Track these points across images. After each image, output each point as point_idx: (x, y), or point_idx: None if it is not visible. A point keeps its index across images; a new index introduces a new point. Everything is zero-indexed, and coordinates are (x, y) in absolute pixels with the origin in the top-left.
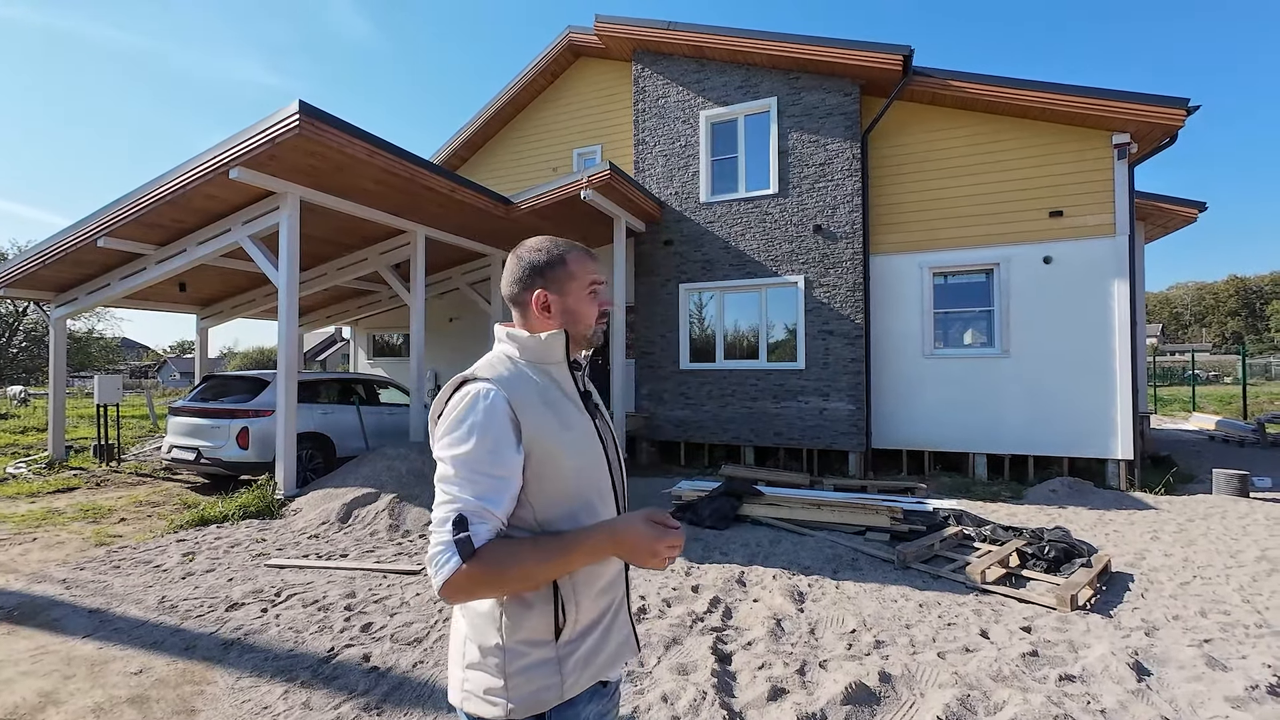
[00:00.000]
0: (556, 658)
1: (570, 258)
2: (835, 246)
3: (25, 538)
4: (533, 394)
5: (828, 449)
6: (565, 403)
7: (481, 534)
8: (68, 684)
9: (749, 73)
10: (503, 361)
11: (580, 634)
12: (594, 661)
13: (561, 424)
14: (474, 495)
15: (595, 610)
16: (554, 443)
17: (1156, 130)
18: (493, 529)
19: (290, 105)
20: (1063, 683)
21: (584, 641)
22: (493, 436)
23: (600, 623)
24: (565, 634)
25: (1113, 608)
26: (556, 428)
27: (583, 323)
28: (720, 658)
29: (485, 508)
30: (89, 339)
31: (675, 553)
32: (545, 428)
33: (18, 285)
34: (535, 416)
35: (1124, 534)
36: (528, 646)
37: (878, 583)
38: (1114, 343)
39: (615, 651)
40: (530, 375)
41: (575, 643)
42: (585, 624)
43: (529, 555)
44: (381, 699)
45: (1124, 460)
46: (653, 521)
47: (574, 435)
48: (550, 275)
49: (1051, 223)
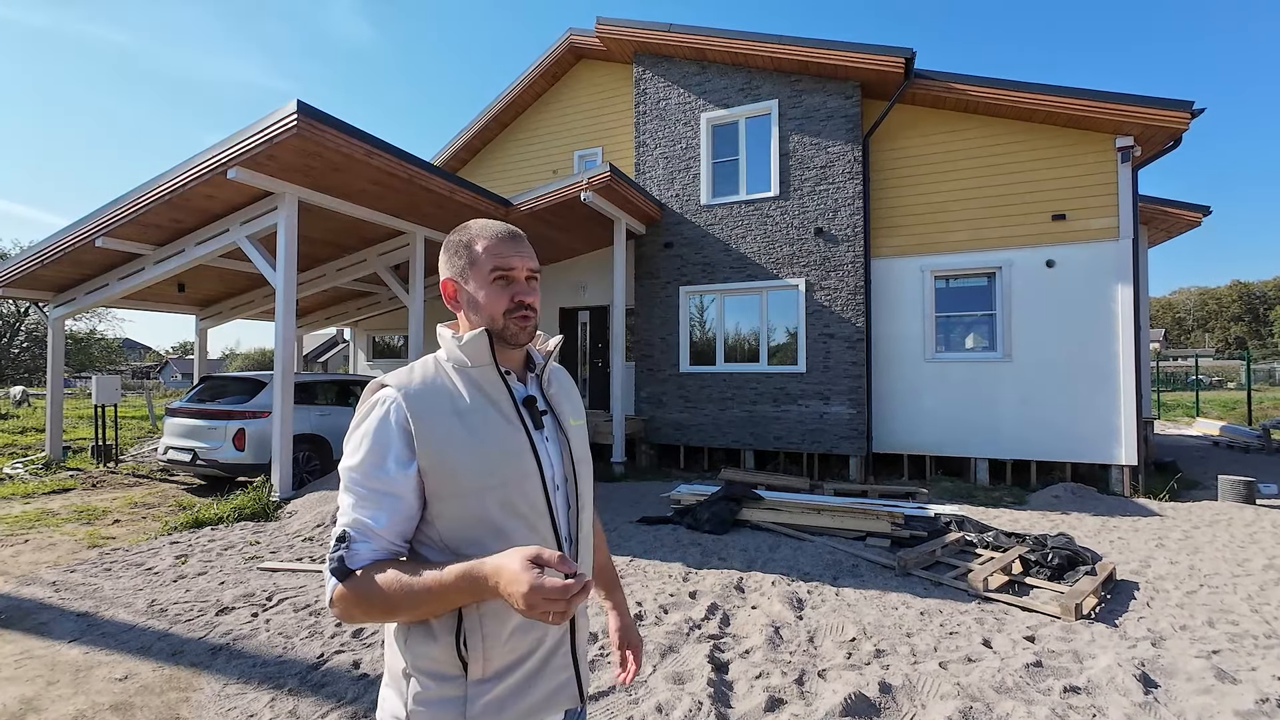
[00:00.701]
0: (462, 697)
1: (479, 240)
2: (836, 249)
3: (17, 539)
4: (441, 403)
5: (828, 453)
6: (486, 412)
7: (362, 554)
8: (50, 690)
9: (750, 75)
10: (425, 365)
11: (494, 675)
12: (511, 708)
13: (471, 437)
14: (357, 511)
15: (513, 651)
16: (455, 458)
17: (1160, 133)
18: (377, 548)
19: (288, 105)
20: (1067, 695)
21: (498, 684)
22: (379, 449)
23: (522, 665)
24: (473, 672)
25: (1118, 617)
26: (462, 441)
27: (486, 315)
28: (717, 666)
29: (368, 525)
30: (90, 339)
31: (557, 606)
32: (447, 441)
33: (16, 285)
34: (436, 428)
35: (1128, 541)
36: (431, 680)
37: (878, 589)
38: (1118, 347)
39: (544, 700)
40: (446, 381)
41: (487, 684)
42: (501, 665)
43: (400, 586)
44: (370, 708)
45: (1128, 466)
46: (531, 563)
47: (485, 450)
48: (457, 261)
49: (1054, 226)
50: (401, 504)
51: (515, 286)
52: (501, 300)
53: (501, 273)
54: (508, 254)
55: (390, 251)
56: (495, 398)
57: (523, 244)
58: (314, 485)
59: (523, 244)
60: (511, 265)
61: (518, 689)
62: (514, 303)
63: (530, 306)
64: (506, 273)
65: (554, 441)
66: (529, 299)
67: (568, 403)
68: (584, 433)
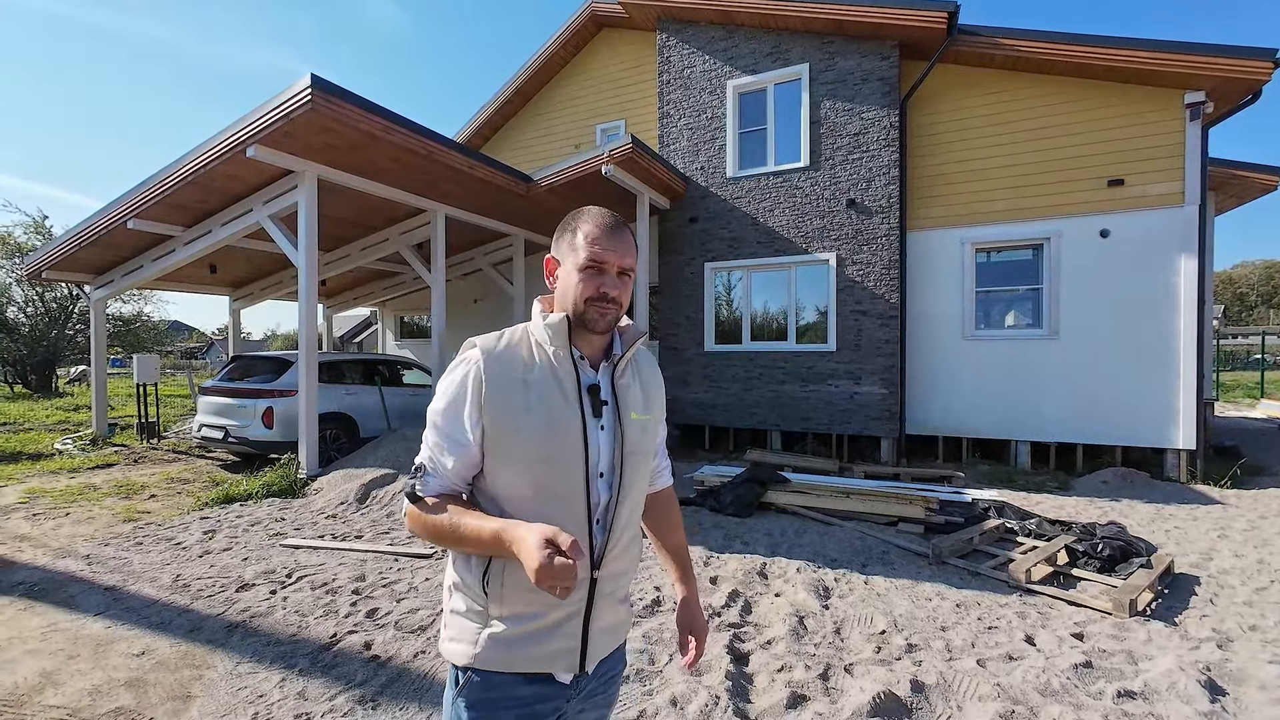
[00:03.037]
0: (481, 625)
1: (583, 227)
2: (870, 222)
3: (59, 513)
4: (515, 371)
5: (858, 435)
6: (549, 389)
7: (431, 485)
8: (70, 664)
9: (779, 38)
10: (514, 333)
11: (509, 618)
12: (516, 652)
13: (530, 409)
14: (432, 450)
15: (527, 605)
16: (511, 424)
17: (1237, 86)
18: (442, 483)
19: (302, 79)
20: (1122, 700)
21: (510, 626)
22: (457, 402)
23: (533, 620)
24: (491, 609)
25: (1177, 614)
26: (521, 410)
27: (571, 298)
28: (736, 658)
29: (441, 463)
30: (137, 321)
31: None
32: (509, 407)
33: (59, 268)
34: (504, 393)
35: (1186, 531)
36: (463, 599)
37: (910, 579)
38: (1178, 323)
39: (545, 657)
40: (524, 352)
41: (501, 622)
42: (512, 613)
43: (449, 525)
44: (378, 691)
45: (1184, 450)
46: (547, 543)
47: (538, 424)
48: (561, 243)
49: (1110, 192)
50: (467, 452)
51: (603, 279)
52: (588, 288)
53: (594, 264)
54: (604, 247)
55: (411, 230)
56: (562, 378)
57: (623, 239)
58: (340, 463)
59: (623, 239)
60: (605, 260)
61: (525, 638)
62: (598, 293)
63: (613, 300)
64: (599, 265)
65: (609, 431)
66: (613, 292)
67: (641, 395)
68: (647, 427)
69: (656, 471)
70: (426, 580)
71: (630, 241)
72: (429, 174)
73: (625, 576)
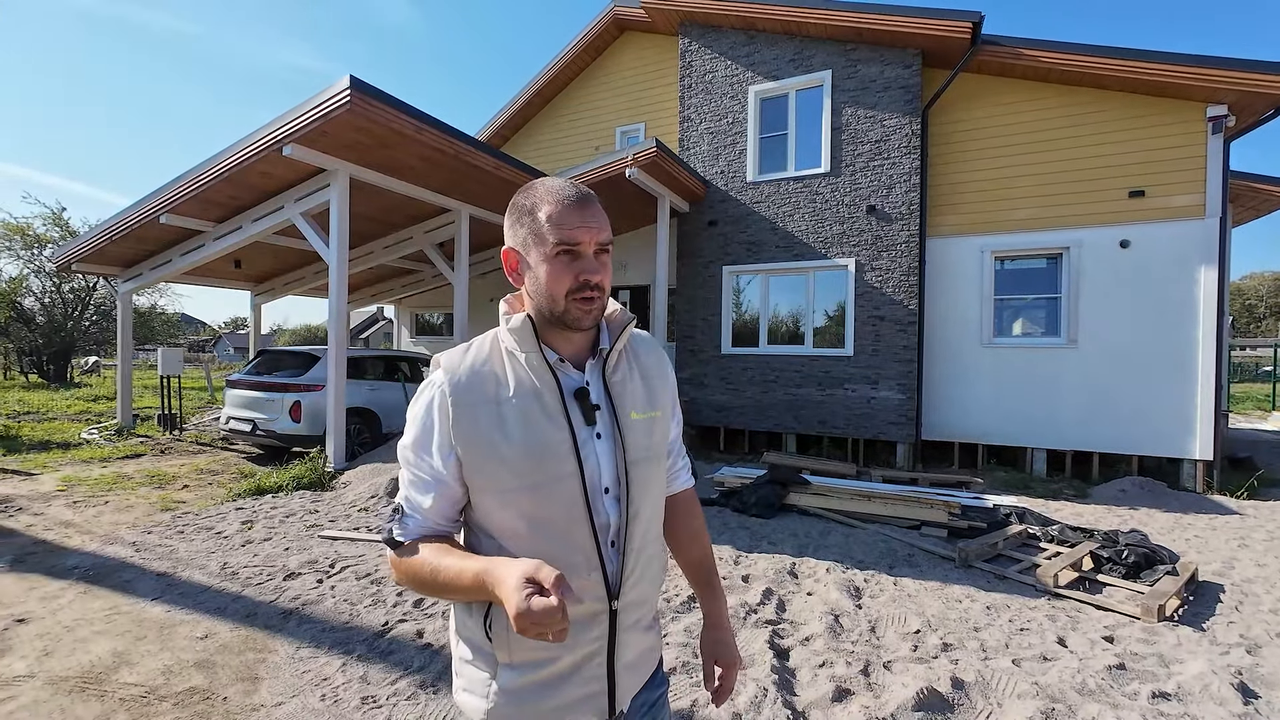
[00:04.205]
0: (491, 676)
1: (543, 207)
2: (889, 228)
3: (99, 500)
4: (486, 390)
5: (874, 439)
6: (527, 404)
7: (411, 528)
8: (139, 645)
9: (802, 44)
10: (480, 345)
11: (519, 665)
12: (531, 704)
13: (505, 432)
14: (410, 489)
15: (533, 650)
16: (486, 452)
17: (1260, 101)
18: (422, 524)
19: (341, 80)
20: (1157, 700)
21: (522, 675)
22: (425, 434)
23: (548, 665)
24: (499, 656)
25: (1204, 620)
26: (496, 436)
27: (547, 295)
28: (778, 653)
29: (419, 504)
30: (152, 314)
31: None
32: (482, 433)
33: (88, 261)
34: (474, 416)
35: (1207, 540)
36: (469, 649)
37: (938, 581)
38: (1197, 334)
39: (568, 705)
40: (495, 366)
41: (512, 670)
42: (524, 659)
43: (430, 571)
44: (437, 677)
45: (1202, 461)
46: (528, 581)
47: (517, 447)
48: (519, 229)
49: (1131, 204)
50: (446, 488)
51: (582, 263)
52: (565, 279)
53: (566, 246)
54: (574, 224)
55: (436, 229)
56: (541, 389)
57: (592, 210)
58: (366, 457)
59: (592, 210)
60: (578, 239)
61: (542, 686)
62: (579, 282)
63: (597, 286)
64: (572, 247)
65: (607, 439)
66: (595, 277)
67: (642, 389)
68: (650, 426)
69: (673, 472)
70: None
71: (601, 211)
72: (455, 173)
73: (648, 603)
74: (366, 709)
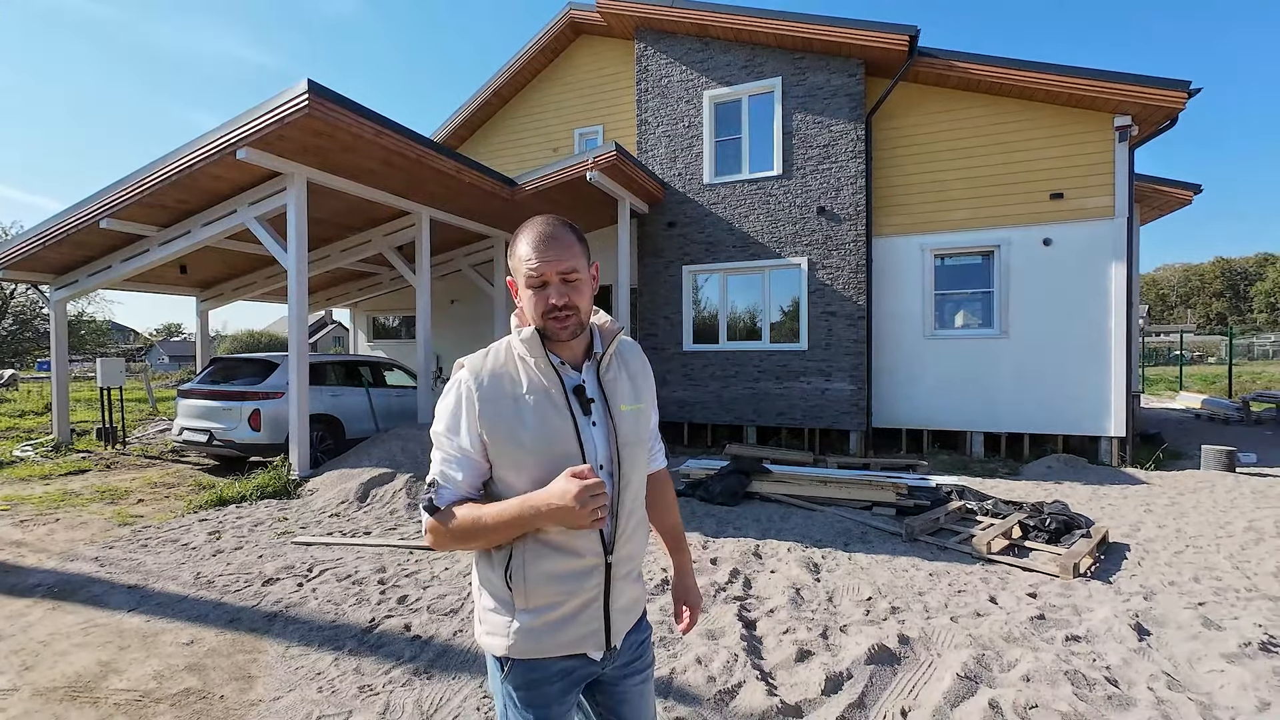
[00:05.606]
0: (508, 618)
1: (519, 248)
2: (838, 228)
3: (48, 518)
4: (504, 387)
5: (829, 428)
6: (538, 398)
7: (445, 496)
8: (124, 654)
9: (753, 52)
10: (497, 351)
11: (533, 609)
12: (546, 640)
13: (523, 421)
14: (443, 466)
15: (547, 596)
16: (508, 437)
17: (1158, 113)
18: (456, 493)
19: (299, 85)
20: (1069, 643)
21: (536, 617)
22: (454, 421)
23: (556, 608)
24: (517, 602)
25: (1112, 575)
26: (515, 424)
27: (530, 316)
28: (746, 624)
29: (451, 477)
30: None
31: (599, 500)
32: (504, 422)
33: (17, 267)
34: (496, 410)
35: (1118, 507)
36: (491, 598)
37: (888, 554)
38: (1110, 324)
39: (573, 640)
40: (511, 368)
41: (527, 614)
42: (535, 605)
43: (472, 519)
44: (429, 664)
45: (1117, 438)
46: (574, 478)
47: (533, 433)
48: (510, 264)
49: (1052, 205)
50: (474, 464)
51: (547, 291)
52: (539, 304)
53: (535, 279)
54: (540, 260)
55: (396, 232)
56: (548, 386)
57: (556, 247)
58: (333, 463)
59: (556, 247)
60: (543, 273)
61: (551, 626)
62: (548, 306)
63: (565, 308)
64: (540, 279)
65: (601, 426)
66: (560, 301)
67: (629, 386)
68: (637, 416)
69: (652, 455)
70: (446, 569)
71: (567, 241)
72: (417, 177)
73: (636, 558)
74: (364, 697)
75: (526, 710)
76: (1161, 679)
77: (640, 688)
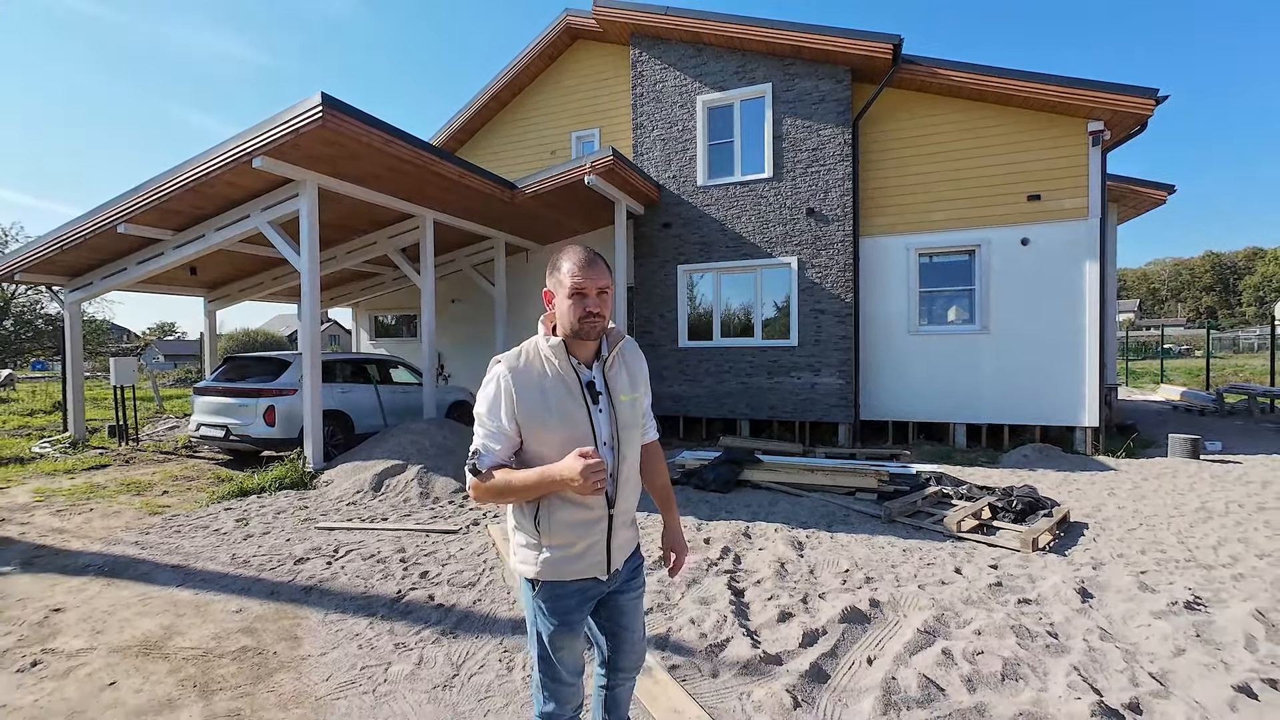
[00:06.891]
0: (536, 552)
1: (565, 262)
2: (827, 229)
3: (81, 508)
4: (533, 379)
5: (819, 421)
6: (560, 389)
7: (486, 461)
8: (181, 620)
9: (745, 58)
10: (527, 350)
11: (555, 545)
12: (564, 568)
13: (548, 407)
14: (484, 437)
15: (565, 537)
16: (536, 419)
17: (1129, 119)
18: (494, 459)
19: (313, 97)
20: (1021, 605)
21: (557, 551)
22: (493, 406)
23: (572, 546)
24: (543, 540)
25: (1067, 549)
26: (542, 409)
27: (565, 321)
28: (735, 592)
29: (490, 445)
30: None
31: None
32: (533, 407)
33: (36, 270)
34: (528, 397)
35: (1085, 491)
36: (523, 535)
37: (867, 534)
38: (1085, 319)
39: (586, 568)
40: (538, 364)
41: (551, 548)
42: (558, 542)
43: (505, 481)
44: (454, 626)
45: (1090, 428)
46: (581, 456)
47: (555, 418)
48: (551, 278)
49: (1030, 206)
50: (508, 439)
51: (587, 301)
52: (577, 310)
53: (578, 291)
54: (583, 278)
55: (400, 234)
56: (568, 380)
57: (597, 267)
58: (345, 456)
59: (597, 267)
60: (585, 287)
61: (568, 558)
62: (585, 312)
63: (598, 314)
64: (581, 291)
65: (605, 413)
66: (595, 309)
67: (627, 380)
68: (634, 404)
69: (645, 429)
70: (461, 550)
71: (603, 267)
72: (421, 182)
73: (631, 510)
74: (400, 651)
75: (552, 617)
76: (1096, 632)
77: (634, 602)
